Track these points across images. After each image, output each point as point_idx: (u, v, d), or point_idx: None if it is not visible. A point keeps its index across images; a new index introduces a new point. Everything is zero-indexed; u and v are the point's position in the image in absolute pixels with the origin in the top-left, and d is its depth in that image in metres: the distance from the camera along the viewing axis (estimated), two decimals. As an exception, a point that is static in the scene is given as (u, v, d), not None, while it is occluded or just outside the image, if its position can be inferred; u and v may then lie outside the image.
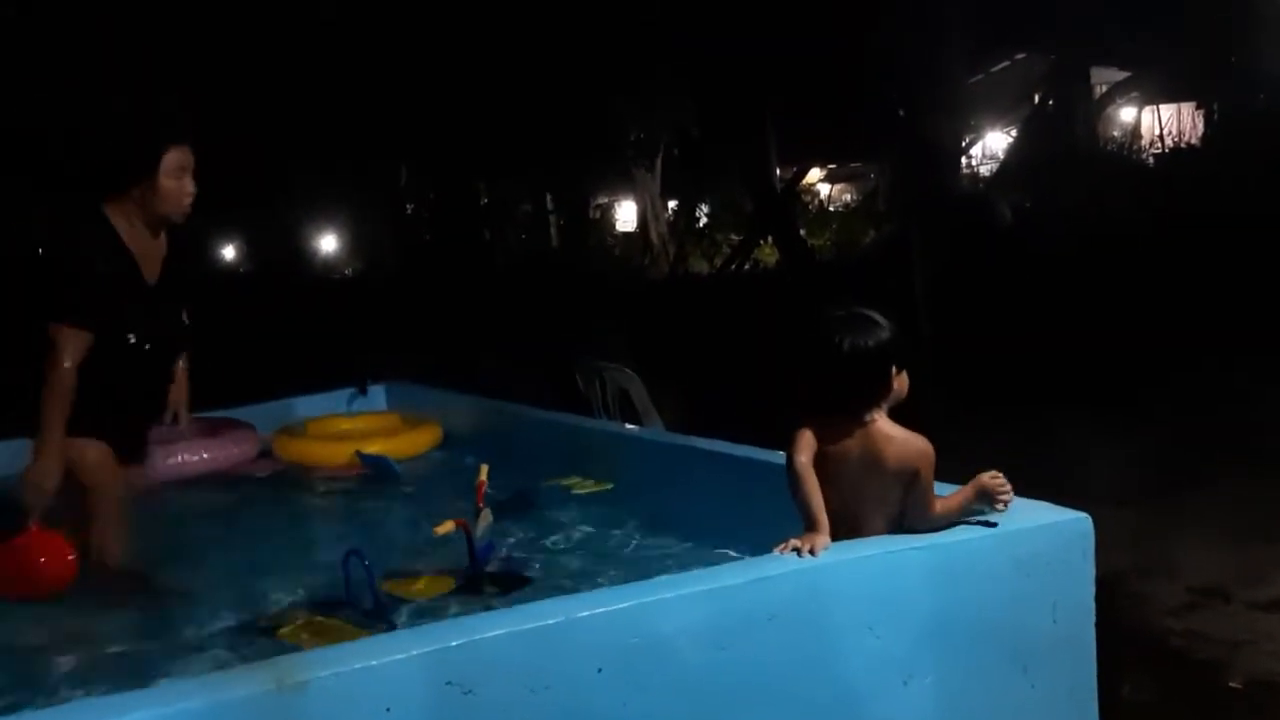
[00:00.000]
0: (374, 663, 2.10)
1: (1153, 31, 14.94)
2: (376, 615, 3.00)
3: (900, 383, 2.71)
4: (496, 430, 5.02)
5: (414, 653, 2.13)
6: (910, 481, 2.65)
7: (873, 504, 2.68)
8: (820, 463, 2.67)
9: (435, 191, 18.87)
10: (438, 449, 5.08)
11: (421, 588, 3.32)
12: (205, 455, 4.75)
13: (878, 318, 2.69)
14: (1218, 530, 5.20)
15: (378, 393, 5.92)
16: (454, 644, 2.16)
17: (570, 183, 20.64)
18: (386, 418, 5.51)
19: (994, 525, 2.72)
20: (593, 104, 16.89)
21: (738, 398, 7.81)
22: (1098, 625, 2.78)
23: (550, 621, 2.25)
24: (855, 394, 2.66)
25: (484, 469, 3.48)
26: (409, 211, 20.28)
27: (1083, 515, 2.77)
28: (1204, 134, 16.30)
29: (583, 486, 4.15)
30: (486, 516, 3.47)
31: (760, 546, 2.72)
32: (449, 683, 2.12)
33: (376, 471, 4.70)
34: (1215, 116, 16.15)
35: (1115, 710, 3.18)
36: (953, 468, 2.82)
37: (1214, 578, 4.67)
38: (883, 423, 2.68)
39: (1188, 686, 3.79)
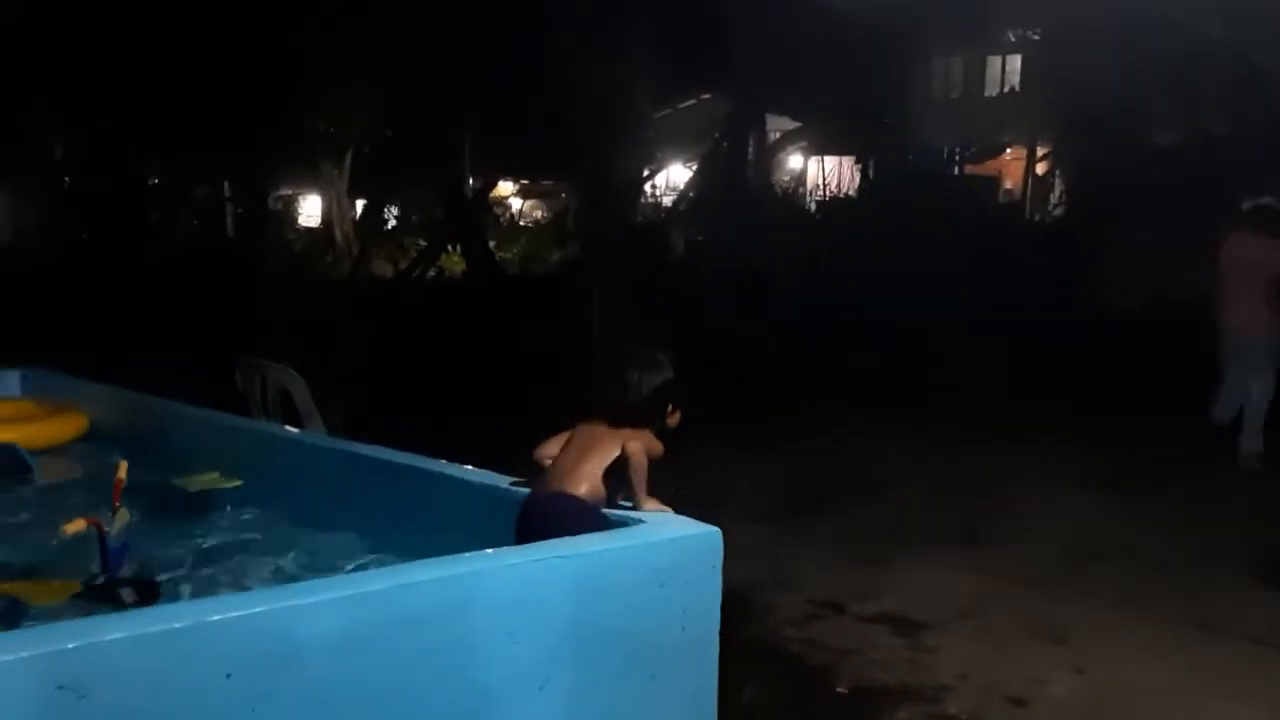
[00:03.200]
0: (-24, 665, 1.96)
1: (820, 88, 16.18)
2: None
3: (673, 419, 3.20)
4: (142, 425, 4.74)
5: (23, 655, 2.00)
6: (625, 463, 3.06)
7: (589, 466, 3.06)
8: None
9: (96, 168, 17.49)
10: (81, 441, 4.73)
11: (45, 590, 3.10)
12: None
13: (665, 363, 3.22)
14: (837, 550, 5.74)
15: (10, 378, 5.44)
16: (69, 646, 2.05)
17: (250, 171, 19.68)
18: (20, 404, 5.07)
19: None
20: (279, 91, 16.24)
21: (413, 403, 7.79)
22: (726, 633, 3.00)
23: (177, 625, 2.18)
24: (638, 416, 3.12)
25: (123, 466, 3.30)
26: (66, 186, 18.66)
27: (713, 529, 2.97)
28: (859, 186, 17.80)
29: (214, 483, 4.00)
30: (124, 516, 3.28)
31: (407, 551, 2.75)
32: (61, 687, 2.01)
33: (6, 463, 4.32)
34: (870, 171, 17.69)
35: (735, 713, 3.44)
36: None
37: (831, 592, 5.13)
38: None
39: (801, 691, 4.14)
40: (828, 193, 18.46)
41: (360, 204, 22.93)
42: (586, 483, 3.03)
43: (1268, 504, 6.63)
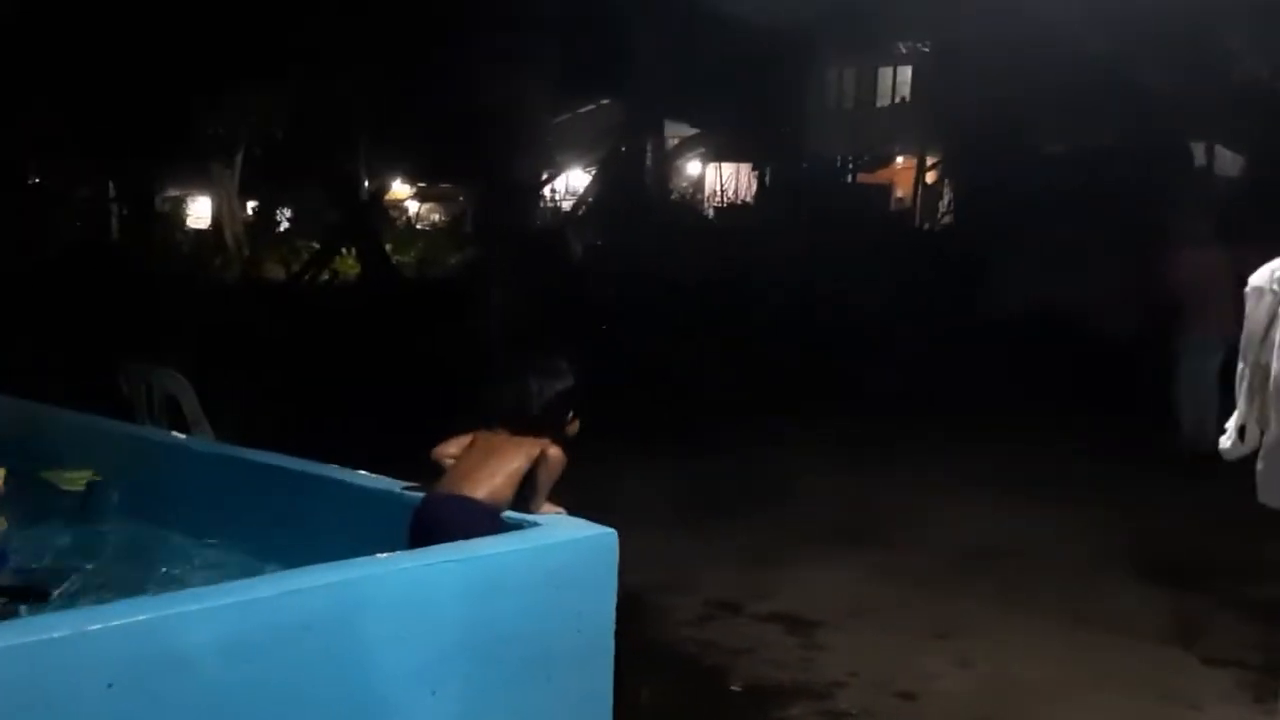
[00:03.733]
0: None
1: (718, 96, 16.36)
2: None
3: (571, 427, 3.23)
4: (17, 430, 4.57)
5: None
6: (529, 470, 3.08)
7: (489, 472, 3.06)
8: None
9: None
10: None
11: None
12: None
13: (566, 370, 3.24)
14: (734, 553, 5.81)
15: None
16: (-63, 658, 1.98)
17: (137, 171, 19.11)
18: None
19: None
20: (166, 89, 15.81)
21: (306, 407, 7.65)
22: (623, 634, 3.01)
23: (54, 635, 2.11)
24: (538, 425, 3.13)
25: (0, 473, 3.18)
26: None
27: (609, 530, 2.98)
28: (756, 192, 18.03)
29: (76, 481, 3.91)
30: (1, 523, 3.18)
31: (297, 557, 2.71)
32: (-71, 702, 1.94)
33: None
34: (766, 179, 17.94)
35: (631, 712, 3.45)
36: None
37: (727, 593, 5.19)
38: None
39: (697, 691, 4.18)
40: (725, 199, 18.67)
41: (251, 206, 22.46)
42: (485, 487, 3.02)
43: (1157, 501, 6.86)
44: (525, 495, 3.09)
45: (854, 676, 4.35)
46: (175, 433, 4.82)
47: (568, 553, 2.93)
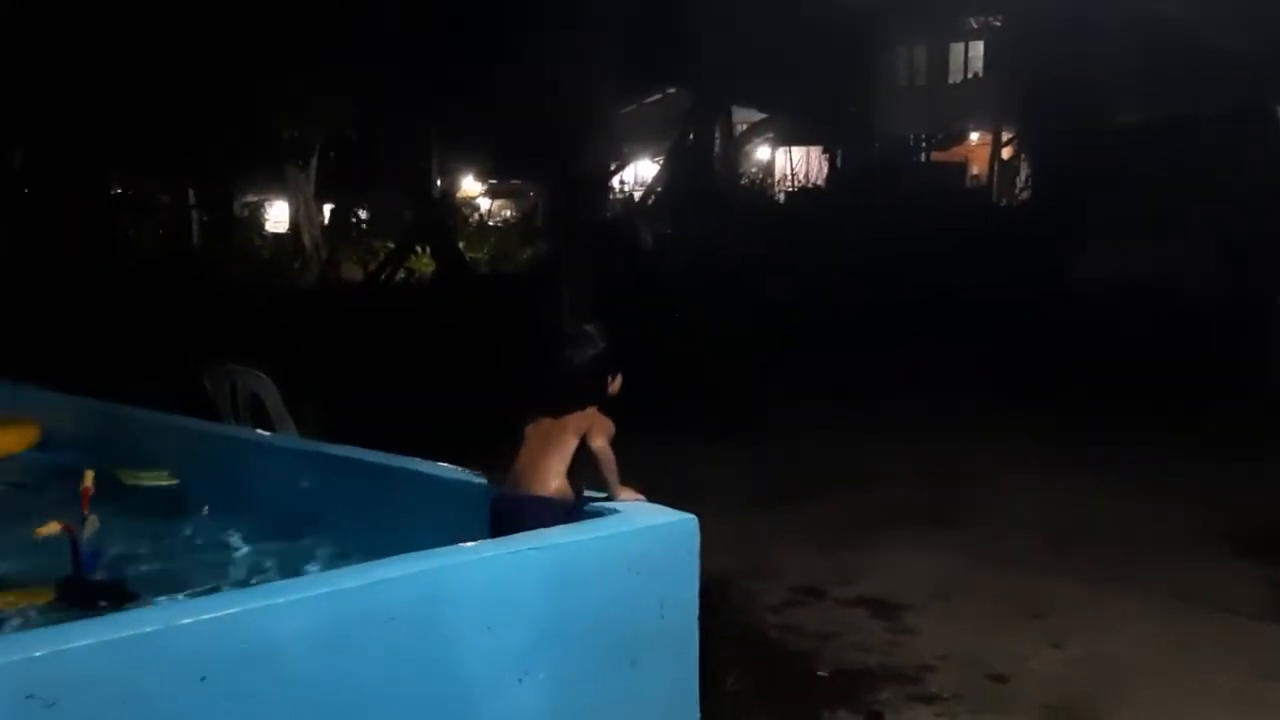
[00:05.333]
0: (-65, 677, 1.93)
1: (786, 80, 16.21)
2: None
3: (614, 386, 3.21)
4: (103, 432, 4.69)
5: (-8, 664, 1.97)
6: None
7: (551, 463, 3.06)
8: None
9: (56, 178, 17.29)
10: (36, 450, 4.67)
11: (13, 599, 3.05)
12: None
13: (596, 336, 3.23)
14: (814, 537, 5.75)
15: (-30, 390, 5.37)
16: (36, 654, 2.01)
17: (215, 177, 19.51)
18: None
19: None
20: (242, 96, 16.11)
21: (386, 403, 7.74)
22: (708, 620, 2.99)
23: (147, 630, 2.15)
24: (579, 397, 3.12)
25: (89, 475, 3.25)
26: (26, 196, 18.42)
27: (689, 516, 2.96)
28: (827, 176, 17.84)
29: (156, 479, 4.04)
30: (93, 523, 3.25)
31: (382, 549, 2.73)
32: (30, 696, 1.97)
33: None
34: (837, 161, 17.74)
35: (718, 698, 3.43)
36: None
37: (810, 578, 5.13)
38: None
39: (783, 676, 4.14)
40: (796, 183, 18.50)
41: (328, 208, 22.79)
42: (555, 481, 3.02)
43: (1250, 476, 6.67)
44: (595, 479, 3.07)
45: (943, 659, 4.28)
46: (259, 430, 4.89)
47: (649, 539, 2.92)
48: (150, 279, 15.45)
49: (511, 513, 2.99)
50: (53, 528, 3.08)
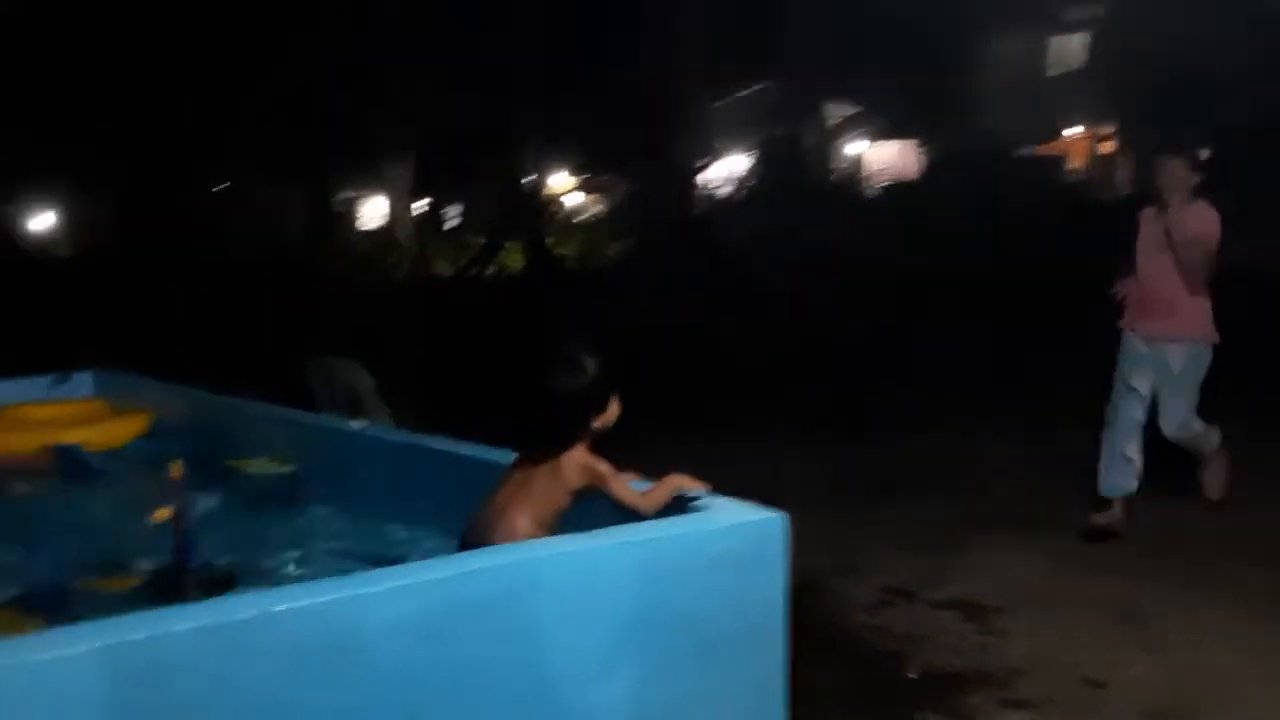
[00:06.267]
0: (49, 655, 2.00)
1: (881, 73, 16.03)
2: (61, 608, 2.84)
3: (602, 420, 2.93)
4: (208, 421, 4.83)
5: (94, 645, 2.03)
6: (583, 493, 2.87)
7: (534, 511, 2.87)
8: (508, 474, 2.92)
9: (161, 174, 17.87)
10: (145, 439, 4.82)
11: (118, 583, 3.16)
12: None
13: (579, 363, 2.91)
14: (904, 536, 5.66)
15: (83, 379, 5.57)
16: (137, 638, 2.08)
17: (316, 173, 19.97)
18: (86, 406, 5.20)
19: (696, 500, 2.93)
20: (343, 95, 16.45)
21: (476, 397, 7.83)
22: (797, 620, 2.96)
23: (243, 617, 2.20)
24: (554, 432, 2.90)
25: (177, 465, 3.34)
26: (132, 192, 19.07)
27: (778, 514, 2.93)
28: (921, 169, 17.57)
29: (266, 467, 4.14)
30: (186, 510, 3.34)
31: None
32: (130, 680, 2.04)
33: (70, 464, 4.42)
34: (931, 155, 17.46)
35: (806, 699, 3.40)
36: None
37: (901, 579, 5.06)
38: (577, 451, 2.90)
39: (872, 677, 4.09)
40: (889, 178, 18.24)
41: (422, 204, 23.16)
42: (524, 530, 2.86)
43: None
44: (553, 524, 2.89)
45: (1036, 664, 4.19)
46: (355, 422, 4.98)
47: (736, 536, 2.90)
48: (252, 271, 15.84)
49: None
50: (163, 514, 3.18)
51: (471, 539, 2.91)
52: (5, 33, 13.73)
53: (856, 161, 20.29)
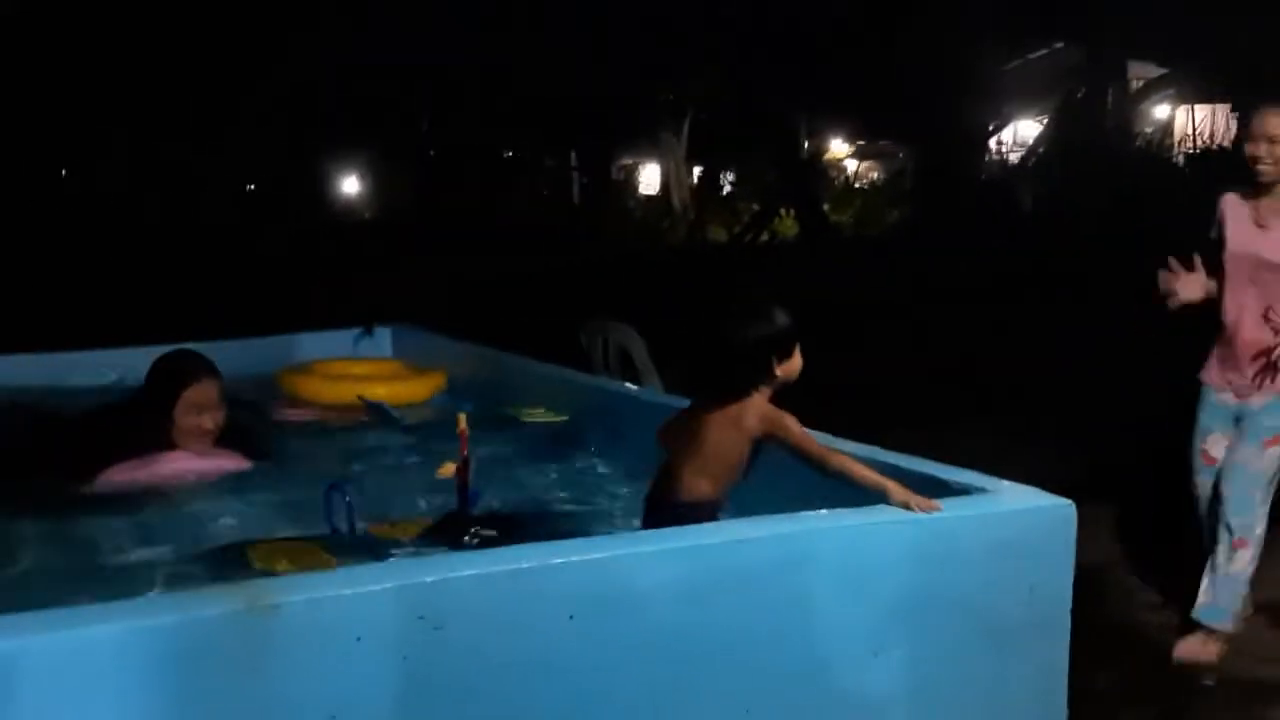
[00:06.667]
0: (347, 592, 2.13)
1: (1191, 31, 14.77)
2: (354, 549, 3.02)
3: (785, 369, 2.80)
4: (494, 378, 5.05)
5: (387, 585, 2.15)
6: (765, 442, 2.76)
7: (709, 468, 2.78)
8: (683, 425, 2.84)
9: (456, 143, 18.88)
10: (440, 395, 5.10)
11: (407, 530, 3.34)
12: None
13: (765, 309, 2.82)
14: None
15: (383, 335, 5.96)
16: (428, 580, 2.18)
17: (595, 141, 20.56)
18: (390, 364, 5.56)
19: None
20: (622, 64, 16.79)
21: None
22: (1080, 613, 2.79)
23: (524, 565, 2.27)
24: (734, 378, 2.78)
25: (462, 418, 3.48)
26: (431, 159, 20.26)
27: (1066, 502, 2.77)
28: (1236, 137, 16.09)
29: (542, 416, 4.33)
30: (471, 464, 3.48)
31: (740, 507, 2.74)
32: (421, 618, 2.14)
33: (377, 416, 4.72)
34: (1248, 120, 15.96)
35: (1090, 698, 3.20)
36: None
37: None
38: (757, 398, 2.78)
39: (1161, 678, 3.80)
40: (1199, 145, 16.84)
41: (697, 170, 23.38)
42: (699, 483, 2.78)
43: None
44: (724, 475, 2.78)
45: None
46: (627, 384, 5.09)
47: (1021, 522, 2.77)
48: (536, 237, 16.51)
49: (645, 522, 2.83)
50: (449, 469, 3.34)
51: (653, 497, 2.87)
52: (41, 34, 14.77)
53: (1162, 127, 18.85)
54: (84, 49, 14.92)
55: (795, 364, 2.82)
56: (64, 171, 18.01)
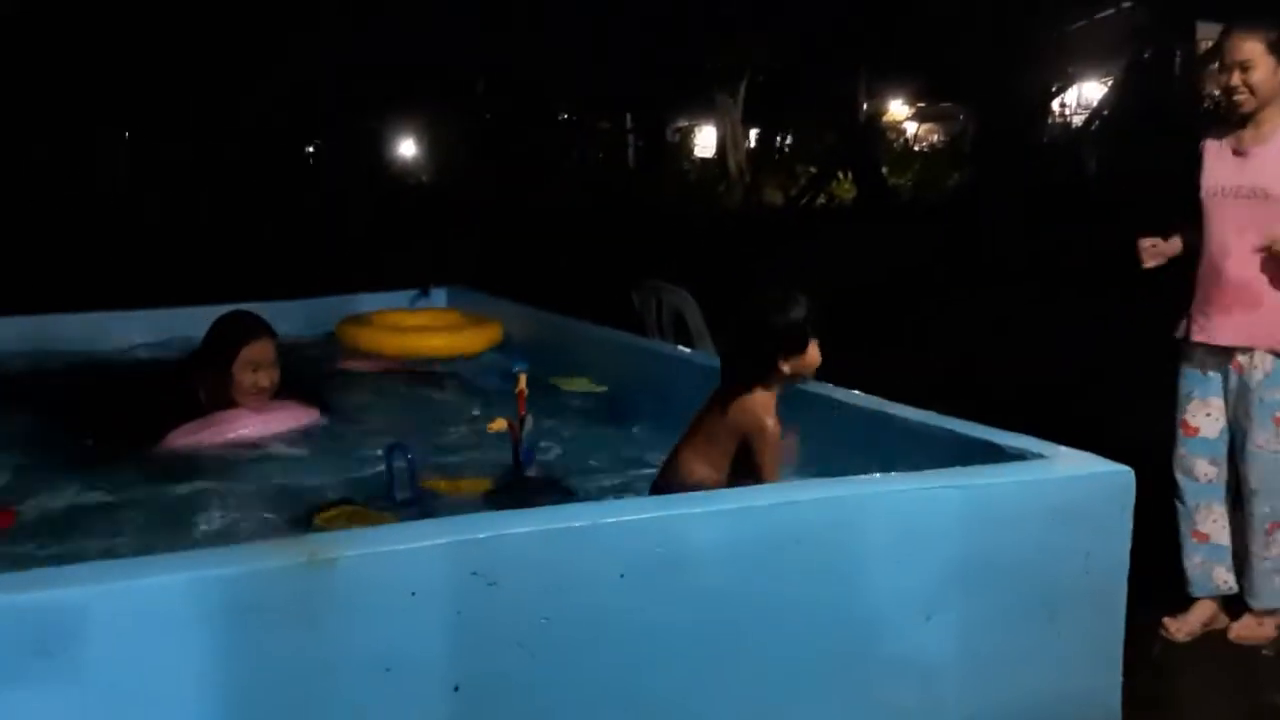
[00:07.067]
0: (402, 547, 2.16)
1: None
2: (413, 505, 3.06)
3: (794, 365, 2.74)
4: (546, 338, 5.07)
5: (441, 541, 2.18)
6: (745, 443, 2.73)
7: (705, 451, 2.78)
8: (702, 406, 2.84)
9: (512, 105, 18.85)
10: (495, 350, 5.13)
11: (461, 486, 3.38)
12: None
13: (777, 303, 2.76)
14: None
15: (439, 295, 6.01)
16: (481, 536, 2.21)
17: (650, 104, 20.44)
18: (449, 314, 5.60)
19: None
20: (677, 25, 16.66)
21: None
22: (1137, 582, 2.75)
23: (576, 524, 2.29)
24: (735, 370, 2.78)
25: (522, 378, 3.50)
26: (487, 120, 20.25)
27: (1124, 468, 2.73)
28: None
29: (583, 387, 4.34)
30: (529, 423, 3.51)
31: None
32: (474, 573, 2.17)
33: (426, 371, 4.77)
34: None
35: (1142, 665, 3.17)
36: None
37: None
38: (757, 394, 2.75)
39: (1221, 652, 3.74)
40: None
41: (753, 133, 23.18)
42: (699, 470, 2.78)
43: None
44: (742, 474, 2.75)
45: None
46: (680, 347, 5.08)
47: (1077, 488, 2.73)
48: (591, 198, 16.48)
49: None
50: (500, 424, 3.36)
51: (659, 479, 2.88)
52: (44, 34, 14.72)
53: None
54: (84, 49, 15.02)
55: (809, 360, 2.77)
56: (63, 172, 18.12)
